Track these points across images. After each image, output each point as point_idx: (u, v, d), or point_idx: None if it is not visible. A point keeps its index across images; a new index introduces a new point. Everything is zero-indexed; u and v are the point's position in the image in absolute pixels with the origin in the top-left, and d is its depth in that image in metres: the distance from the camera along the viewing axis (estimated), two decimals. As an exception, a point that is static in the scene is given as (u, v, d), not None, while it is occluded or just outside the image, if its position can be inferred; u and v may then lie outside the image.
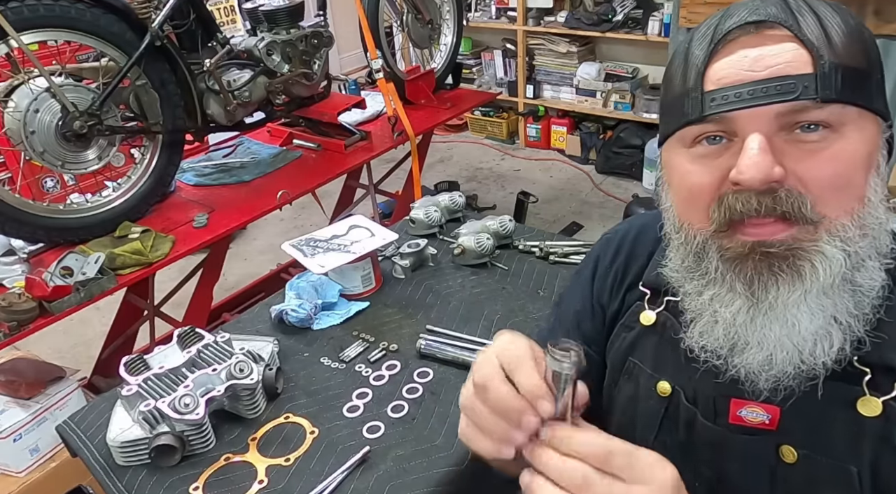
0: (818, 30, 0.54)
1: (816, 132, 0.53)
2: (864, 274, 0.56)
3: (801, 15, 0.54)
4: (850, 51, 0.54)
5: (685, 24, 2.69)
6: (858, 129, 0.54)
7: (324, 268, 1.28)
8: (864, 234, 0.55)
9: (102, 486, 0.97)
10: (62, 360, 2.15)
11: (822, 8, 0.56)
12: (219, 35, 1.94)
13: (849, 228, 0.54)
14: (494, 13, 4.30)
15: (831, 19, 0.55)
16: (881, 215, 0.56)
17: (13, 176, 2.44)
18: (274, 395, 1.09)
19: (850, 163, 0.54)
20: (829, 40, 0.53)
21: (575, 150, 4.14)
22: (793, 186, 0.54)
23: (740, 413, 0.63)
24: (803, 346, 0.56)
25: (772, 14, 0.54)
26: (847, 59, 0.53)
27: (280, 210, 2.03)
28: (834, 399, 0.58)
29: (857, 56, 0.54)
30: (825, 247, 0.54)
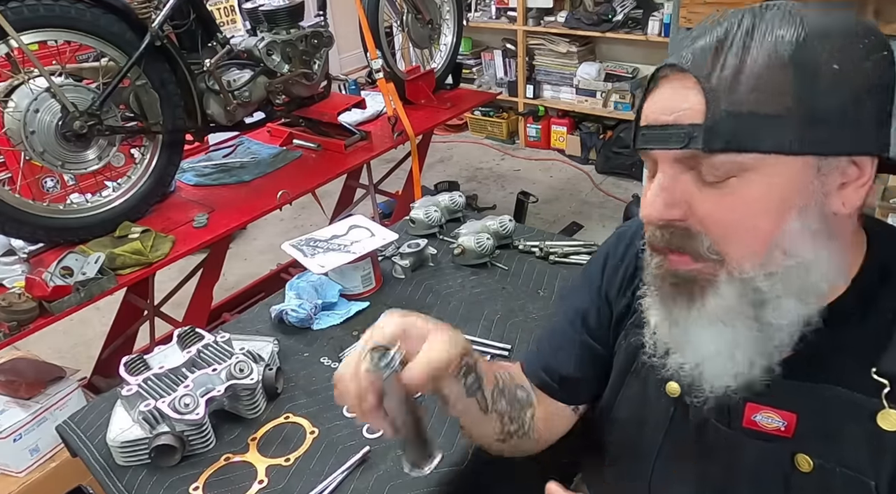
0: (730, 74, 0.53)
1: (717, 176, 0.55)
2: (772, 311, 0.57)
3: (726, 53, 0.54)
4: (763, 94, 0.52)
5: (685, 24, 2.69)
6: (766, 174, 0.54)
7: (324, 268, 1.28)
8: (769, 274, 0.56)
9: (102, 486, 0.97)
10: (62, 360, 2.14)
11: (768, 35, 0.53)
12: (219, 35, 1.94)
13: (749, 271, 0.56)
14: (494, 13, 4.31)
15: (761, 54, 0.52)
16: (804, 255, 0.55)
17: (13, 176, 2.44)
18: (274, 395, 1.09)
19: (751, 210, 0.55)
20: (735, 85, 0.53)
21: (575, 150, 4.14)
22: (693, 225, 0.57)
23: (755, 417, 0.63)
24: (707, 362, 0.60)
25: (687, 59, 0.56)
26: (751, 105, 0.52)
27: (280, 210, 2.03)
28: (852, 409, 0.57)
29: (770, 98, 0.52)
30: (721, 286, 0.58)
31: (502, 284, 1.36)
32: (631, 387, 0.76)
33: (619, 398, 0.80)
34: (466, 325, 1.22)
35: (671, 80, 0.57)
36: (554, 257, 1.43)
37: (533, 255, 1.46)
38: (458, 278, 1.40)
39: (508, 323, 1.22)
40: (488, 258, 1.43)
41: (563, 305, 0.88)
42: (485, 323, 1.23)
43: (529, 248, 1.47)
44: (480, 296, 1.33)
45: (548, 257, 1.43)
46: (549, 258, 1.43)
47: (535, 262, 1.43)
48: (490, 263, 1.43)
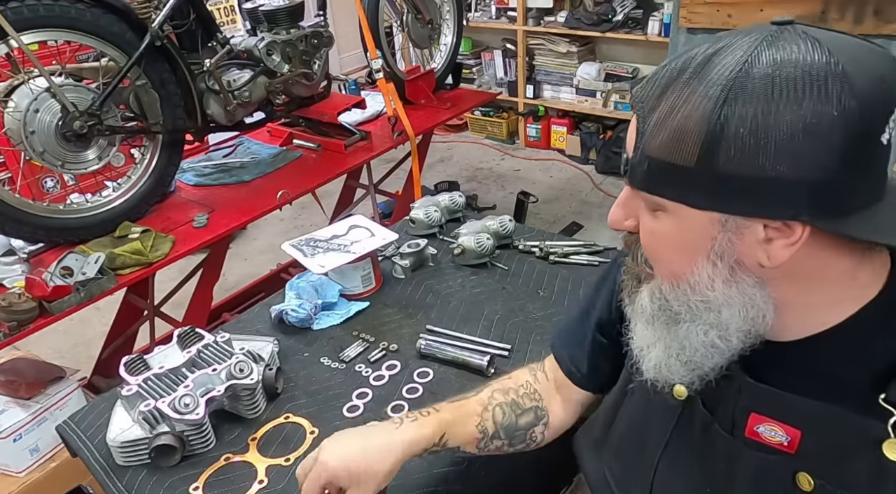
0: (659, 117, 0.55)
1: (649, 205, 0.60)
2: (685, 331, 0.62)
3: (667, 94, 0.55)
4: (677, 145, 0.53)
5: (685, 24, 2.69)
6: (675, 218, 0.57)
7: (324, 268, 1.28)
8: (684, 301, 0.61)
9: (102, 486, 0.97)
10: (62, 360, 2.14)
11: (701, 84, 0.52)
12: (219, 35, 1.94)
13: (664, 291, 0.63)
14: (494, 13, 4.31)
15: (686, 104, 0.53)
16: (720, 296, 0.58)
17: (13, 176, 2.44)
18: (274, 395, 1.09)
19: (665, 244, 0.60)
20: (658, 131, 0.55)
21: (575, 150, 4.14)
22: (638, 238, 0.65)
23: (758, 428, 0.62)
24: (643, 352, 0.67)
25: (636, 95, 0.59)
26: (665, 154, 0.54)
27: (280, 210, 2.03)
28: (859, 433, 0.57)
29: (682, 151, 0.53)
30: (643, 291, 0.66)
31: (502, 284, 1.36)
32: (638, 388, 0.76)
33: (626, 396, 0.81)
34: (466, 325, 1.22)
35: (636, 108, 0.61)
36: (554, 257, 1.43)
37: (533, 255, 1.46)
38: (458, 278, 1.40)
39: (508, 323, 1.22)
40: (488, 258, 1.43)
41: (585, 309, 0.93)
42: (485, 323, 1.23)
43: (529, 248, 1.47)
44: (480, 296, 1.33)
45: (548, 257, 1.43)
46: (549, 258, 1.43)
47: (535, 262, 1.43)
48: (490, 263, 1.43)
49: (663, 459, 0.74)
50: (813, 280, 0.57)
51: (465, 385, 1.07)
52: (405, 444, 0.78)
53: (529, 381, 0.93)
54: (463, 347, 1.15)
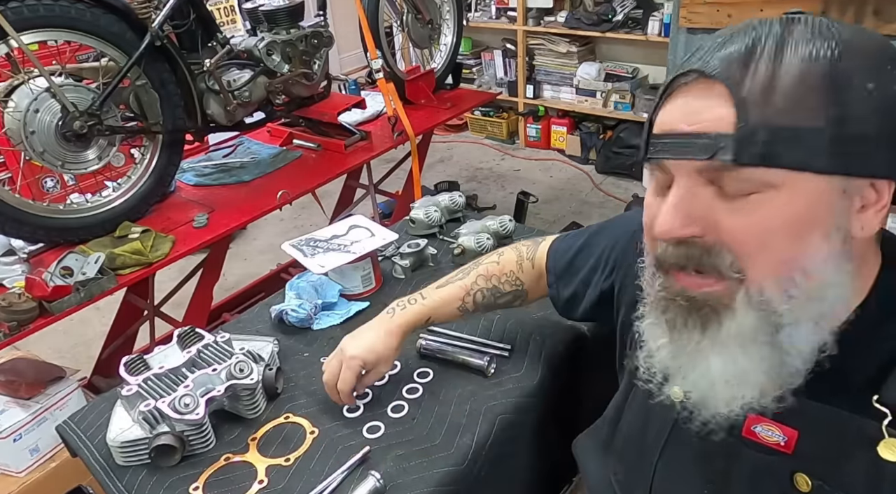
0: (762, 85, 0.51)
1: (741, 190, 0.53)
2: (787, 336, 0.55)
3: (757, 63, 0.51)
4: (797, 108, 0.50)
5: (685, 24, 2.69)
6: (793, 192, 0.52)
7: (324, 268, 1.28)
8: (789, 297, 0.54)
9: (102, 486, 0.97)
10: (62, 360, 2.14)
11: (800, 48, 0.51)
12: (219, 35, 1.94)
13: (768, 293, 0.54)
14: (494, 13, 4.31)
15: (794, 67, 0.50)
16: (826, 277, 0.53)
17: (13, 176, 2.44)
18: (274, 395, 1.09)
19: (774, 228, 0.52)
20: (768, 96, 0.50)
21: (575, 150, 4.14)
22: (712, 242, 0.55)
23: (755, 428, 0.62)
24: (716, 391, 0.58)
25: (714, 66, 0.53)
26: (785, 119, 0.50)
27: (280, 210, 2.03)
28: (855, 433, 0.57)
29: (804, 113, 0.50)
30: (738, 308, 0.55)
31: (502, 284, 1.36)
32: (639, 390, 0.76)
33: (631, 397, 0.81)
34: (466, 325, 1.22)
35: (694, 87, 0.54)
36: (554, 257, 1.43)
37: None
38: (458, 278, 1.39)
39: (508, 323, 1.22)
40: (488, 258, 1.43)
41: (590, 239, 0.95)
42: (485, 323, 1.23)
43: (529, 248, 1.47)
44: (480, 296, 1.32)
45: (548, 257, 1.43)
46: (549, 258, 1.43)
47: (535, 262, 1.43)
48: (490, 263, 1.43)
49: (662, 460, 0.74)
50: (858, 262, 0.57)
51: (465, 385, 1.08)
52: (401, 328, 1.01)
53: (514, 271, 1.03)
54: (463, 347, 1.15)
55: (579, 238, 0.98)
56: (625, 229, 0.88)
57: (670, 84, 0.57)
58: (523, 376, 1.08)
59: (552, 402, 1.10)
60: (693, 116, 0.54)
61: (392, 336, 1.00)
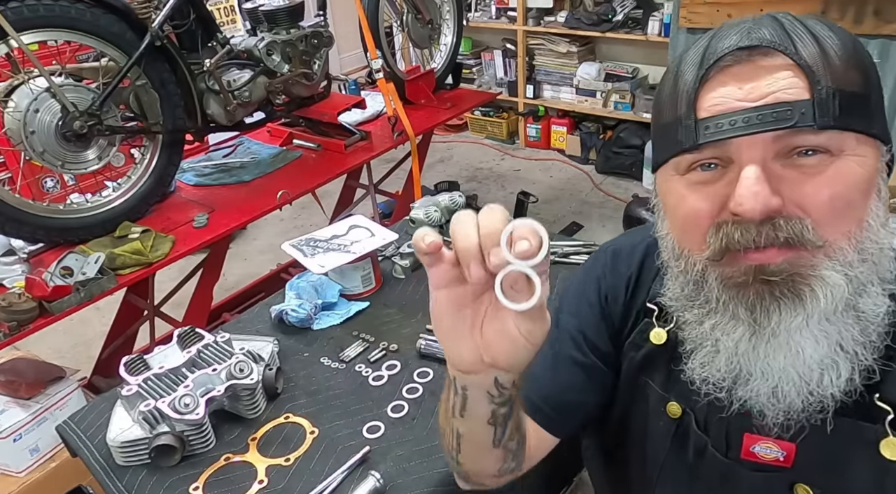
0: (816, 53, 0.52)
1: (814, 156, 0.52)
2: (867, 299, 0.54)
3: (798, 37, 0.53)
4: (849, 74, 0.52)
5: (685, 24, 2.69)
6: (856, 154, 0.53)
7: (324, 268, 1.28)
8: (863, 259, 0.53)
9: (102, 486, 0.97)
10: (62, 360, 2.14)
11: (820, 29, 0.54)
12: (219, 35, 1.94)
13: (848, 252, 0.53)
14: (494, 13, 4.30)
15: (829, 41, 0.53)
16: (882, 240, 0.54)
17: (13, 176, 2.44)
18: (274, 395, 1.09)
19: (848, 185, 0.53)
20: (827, 64, 0.52)
21: (575, 150, 4.14)
22: (791, 212, 0.53)
23: (753, 448, 0.62)
24: (809, 376, 0.54)
25: (765, 39, 0.53)
26: (845, 84, 0.52)
27: (280, 210, 2.03)
28: (854, 437, 0.56)
29: (855, 80, 0.53)
30: (825, 272, 0.53)
31: (502, 284, 1.36)
32: (638, 405, 0.75)
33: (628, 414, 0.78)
34: (466, 325, 1.22)
35: (746, 63, 0.53)
36: (554, 257, 1.43)
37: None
38: (458, 278, 1.39)
39: (508, 323, 1.22)
40: (488, 258, 1.43)
41: (559, 332, 0.79)
42: (485, 323, 1.22)
43: (529, 248, 1.47)
44: (480, 296, 1.32)
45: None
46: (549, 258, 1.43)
47: (535, 262, 1.43)
48: (490, 263, 1.43)
49: (661, 478, 0.74)
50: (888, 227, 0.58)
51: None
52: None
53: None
54: (463, 347, 1.15)
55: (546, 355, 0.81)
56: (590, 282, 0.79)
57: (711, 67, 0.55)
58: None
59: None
60: (759, 90, 0.52)
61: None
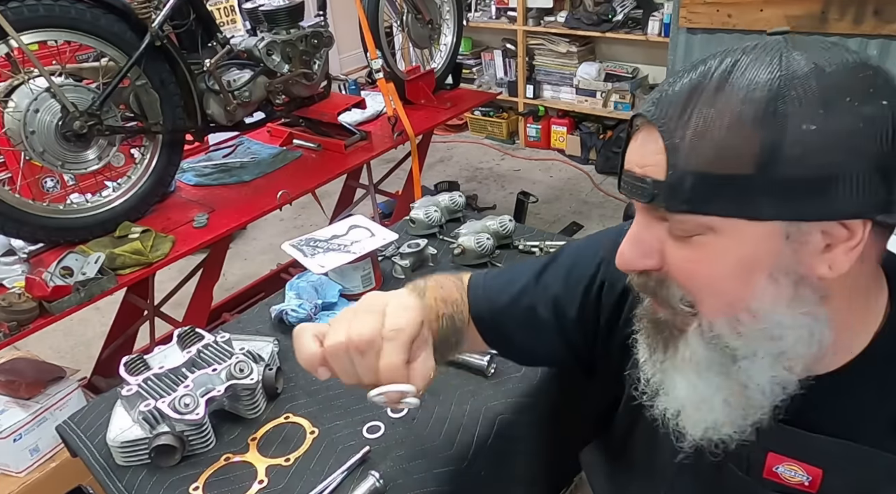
0: (694, 129, 0.50)
1: (687, 232, 0.53)
2: (745, 371, 0.55)
3: (694, 106, 0.50)
4: (727, 155, 0.48)
5: (685, 24, 2.69)
6: (730, 237, 0.51)
7: (324, 268, 1.28)
8: (741, 335, 0.53)
9: (102, 486, 0.97)
10: (62, 360, 2.15)
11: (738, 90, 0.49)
12: (219, 35, 1.94)
13: (718, 328, 0.54)
14: (494, 13, 4.31)
15: (729, 111, 0.49)
16: (782, 318, 0.52)
17: (13, 176, 2.44)
18: (274, 395, 1.09)
19: (717, 270, 0.52)
20: (699, 143, 0.49)
21: (575, 150, 4.14)
22: (667, 275, 0.56)
23: (777, 469, 0.60)
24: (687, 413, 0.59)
25: (652, 112, 0.53)
26: (714, 166, 0.49)
27: (280, 210, 2.03)
28: (884, 470, 0.55)
29: (735, 160, 0.48)
30: (691, 338, 0.57)
31: (502, 284, 1.36)
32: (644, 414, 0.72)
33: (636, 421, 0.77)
34: (466, 325, 1.22)
35: (643, 129, 0.55)
36: (554, 257, 1.43)
37: (533, 255, 1.45)
38: (458, 278, 1.39)
39: (508, 323, 1.22)
40: (488, 258, 1.43)
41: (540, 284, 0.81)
42: (485, 323, 1.23)
43: (529, 248, 1.47)
44: (480, 296, 1.32)
45: (548, 257, 1.43)
46: (549, 258, 1.43)
47: (535, 262, 1.43)
48: (490, 263, 1.43)
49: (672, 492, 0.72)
50: (857, 296, 0.55)
51: (465, 385, 1.08)
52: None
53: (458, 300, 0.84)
54: (463, 347, 1.15)
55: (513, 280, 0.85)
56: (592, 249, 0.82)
57: (631, 121, 0.57)
58: (523, 376, 1.08)
59: (552, 402, 1.10)
60: (640, 159, 0.54)
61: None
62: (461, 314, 0.81)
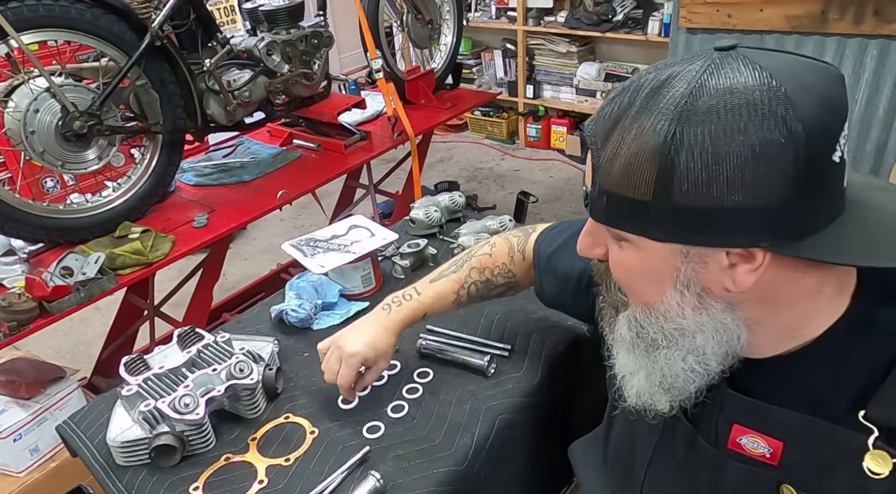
0: (611, 151, 0.55)
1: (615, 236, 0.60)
2: (664, 358, 0.62)
3: (616, 129, 0.55)
4: (629, 183, 0.54)
5: (685, 24, 2.69)
6: (638, 249, 0.58)
7: (324, 268, 1.28)
8: (659, 329, 0.61)
9: (102, 486, 0.97)
10: (62, 360, 2.15)
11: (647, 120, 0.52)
12: (219, 35, 1.94)
13: (639, 318, 0.63)
14: (494, 13, 4.31)
15: (635, 140, 0.53)
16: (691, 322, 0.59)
17: (13, 176, 2.44)
18: (274, 395, 1.09)
19: (629, 274, 0.61)
20: (612, 165, 0.55)
21: (575, 150, 4.14)
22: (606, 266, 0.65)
23: (740, 440, 0.63)
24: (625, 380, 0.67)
25: (590, 130, 0.59)
26: (620, 189, 0.55)
27: (280, 210, 2.03)
28: (841, 445, 0.57)
29: (636, 186, 0.53)
30: (620, 319, 0.66)
31: (502, 284, 1.36)
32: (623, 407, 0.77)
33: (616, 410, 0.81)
34: (466, 325, 1.22)
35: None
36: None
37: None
38: (458, 278, 1.39)
39: (508, 323, 1.22)
40: (488, 258, 1.43)
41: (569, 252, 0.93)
42: (485, 323, 1.23)
43: (529, 248, 1.47)
44: (480, 296, 1.32)
45: (548, 257, 1.43)
46: (549, 258, 1.43)
47: (535, 262, 1.43)
48: (490, 263, 1.43)
49: (649, 475, 0.75)
50: (780, 299, 0.58)
51: (465, 385, 1.08)
52: (398, 324, 1.00)
53: (506, 263, 1.04)
54: (463, 347, 1.15)
55: (562, 234, 0.99)
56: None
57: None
58: (523, 376, 1.08)
59: (552, 402, 1.10)
60: (588, 169, 0.61)
61: (389, 333, 0.99)
62: (507, 273, 1.04)
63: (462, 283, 1.03)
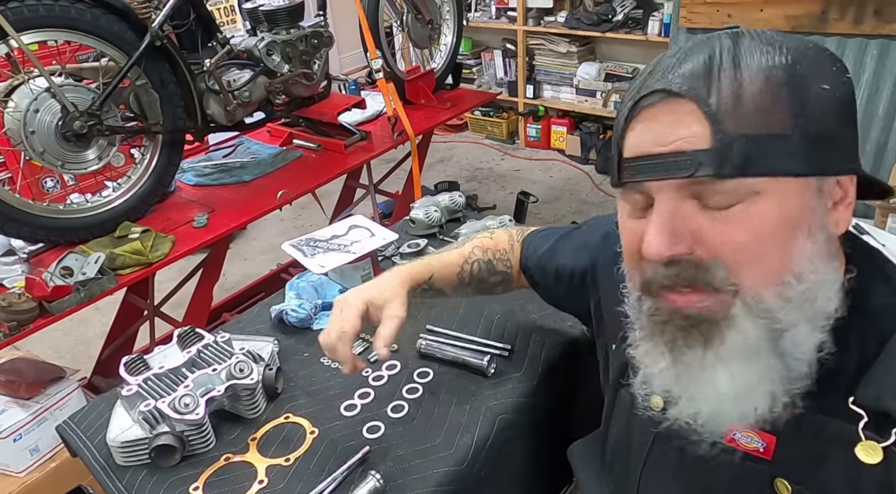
0: (728, 96, 0.51)
1: (727, 202, 0.53)
2: (790, 341, 0.55)
3: (718, 76, 0.52)
4: (765, 116, 0.51)
5: (685, 24, 2.69)
6: (775, 197, 0.52)
7: (324, 268, 1.28)
8: (786, 301, 0.54)
9: (102, 486, 0.97)
10: (62, 360, 2.15)
11: (757, 60, 0.52)
12: (219, 35, 1.94)
13: (766, 299, 0.54)
14: (494, 13, 4.31)
15: (756, 78, 0.51)
16: (814, 278, 0.54)
17: (13, 176, 2.44)
18: (274, 395, 1.09)
19: (763, 234, 0.53)
20: (737, 108, 0.51)
21: (575, 150, 4.14)
22: (702, 257, 0.54)
23: (734, 435, 0.62)
24: (727, 406, 0.57)
25: (675, 83, 0.53)
26: (757, 127, 0.51)
27: (280, 210, 2.03)
28: (833, 437, 0.56)
29: (775, 120, 0.51)
30: (738, 320, 0.55)
31: (502, 284, 1.36)
32: (623, 399, 0.77)
33: (614, 410, 0.81)
34: (466, 325, 1.22)
35: (660, 106, 0.54)
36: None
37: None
38: (458, 278, 1.39)
39: (508, 324, 1.22)
40: (488, 258, 1.43)
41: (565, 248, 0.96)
42: (485, 323, 1.23)
43: (529, 248, 1.47)
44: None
45: (548, 257, 1.43)
46: (549, 258, 1.43)
47: (535, 262, 1.43)
48: (490, 263, 1.43)
49: (646, 471, 0.75)
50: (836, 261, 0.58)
51: (465, 385, 1.08)
52: (404, 272, 0.96)
53: (506, 250, 1.04)
54: (463, 347, 1.15)
55: (549, 239, 1.00)
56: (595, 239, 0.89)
57: (634, 106, 0.56)
58: (523, 376, 1.08)
59: (552, 402, 1.10)
60: (665, 136, 0.53)
61: (395, 276, 0.94)
62: (506, 261, 1.03)
63: (466, 258, 1.02)
